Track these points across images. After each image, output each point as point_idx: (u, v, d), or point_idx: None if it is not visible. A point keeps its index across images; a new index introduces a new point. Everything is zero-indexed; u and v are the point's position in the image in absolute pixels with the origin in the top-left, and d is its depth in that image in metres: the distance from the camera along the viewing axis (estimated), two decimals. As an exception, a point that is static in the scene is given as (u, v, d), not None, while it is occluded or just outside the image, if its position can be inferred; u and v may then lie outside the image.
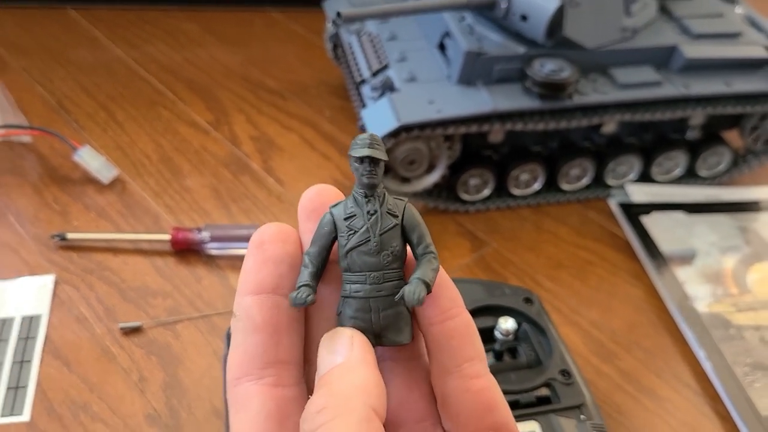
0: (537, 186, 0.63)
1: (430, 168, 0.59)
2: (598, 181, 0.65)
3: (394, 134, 0.54)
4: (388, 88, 0.58)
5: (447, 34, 0.59)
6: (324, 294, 0.23)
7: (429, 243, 0.23)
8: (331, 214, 0.23)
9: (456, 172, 0.60)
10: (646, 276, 0.58)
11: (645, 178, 0.65)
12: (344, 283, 0.23)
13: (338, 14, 0.51)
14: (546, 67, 0.55)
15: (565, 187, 0.64)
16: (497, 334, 0.42)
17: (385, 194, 0.23)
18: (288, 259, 0.23)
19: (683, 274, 0.57)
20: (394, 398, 0.23)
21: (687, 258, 0.59)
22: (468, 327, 0.23)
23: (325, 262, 0.23)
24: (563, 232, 0.62)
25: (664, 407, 0.49)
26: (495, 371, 0.40)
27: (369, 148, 0.22)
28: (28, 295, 0.51)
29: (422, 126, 0.54)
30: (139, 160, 0.64)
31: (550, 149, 0.63)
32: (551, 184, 0.64)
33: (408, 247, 0.23)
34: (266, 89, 0.75)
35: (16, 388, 0.46)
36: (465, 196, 0.62)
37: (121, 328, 0.50)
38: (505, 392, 0.39)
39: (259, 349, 0.22)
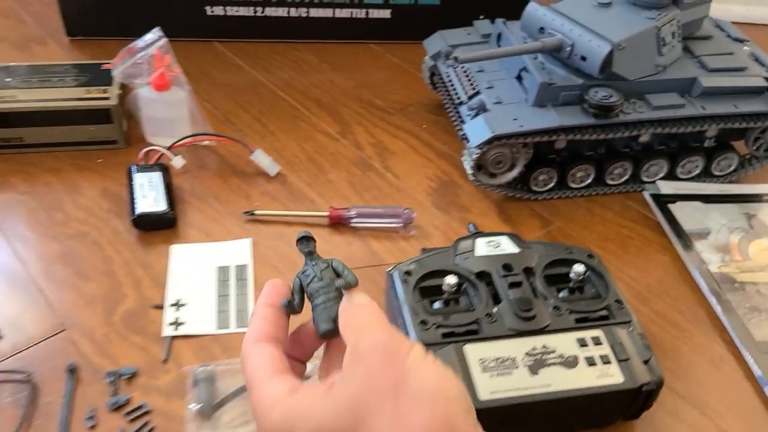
0: (589, 181, 0.84)
1: (511, 167, 0.81)
2: (635, 178, 0.85)
3: (488, 142, 0.76)
4: (481, 108, 0.79)
5: (524, 69, 0.81)
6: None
7: (347, 272, 0.42)
8: (298, 278, 0.44)
9: (529, 170, 0.82)
10: (672, 247, 0.78)
11: (671, 176, 0.86)
12: (311, 301, 0.42)
13: (455, 58, 0.73)
14: (599, 94, 0.76)
15: (609, 182, 0.85)
16: (571, 275, 0.63)
17: (318, 256, 0.44)
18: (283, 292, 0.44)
19: (700, 246, 0.78)
20: None
21: (703, 234, 0.79)
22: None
23: (302, 297, 0.43)
24: (609, 216, 0.83)
25: (684, 335, 0.69)
26: (570, 300, 0.61)
27: (304, 234, 0.44)
28: (236, 252, 0.74)
29: (508, 136, 0.76)
30: (292, 160, 0.87)
31: (599, 154, 0.84)
32: (599, 180, 0.85)
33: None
34: (375, 107, 0.97)
35: (241, 310, 0.68)
36: (535, 188, 0.83)
37: (304, 274, 0.72)
38: (578, 312, 0.60)
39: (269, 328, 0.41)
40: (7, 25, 1.08)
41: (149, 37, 0.81)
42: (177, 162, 0.80)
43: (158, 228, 0.75)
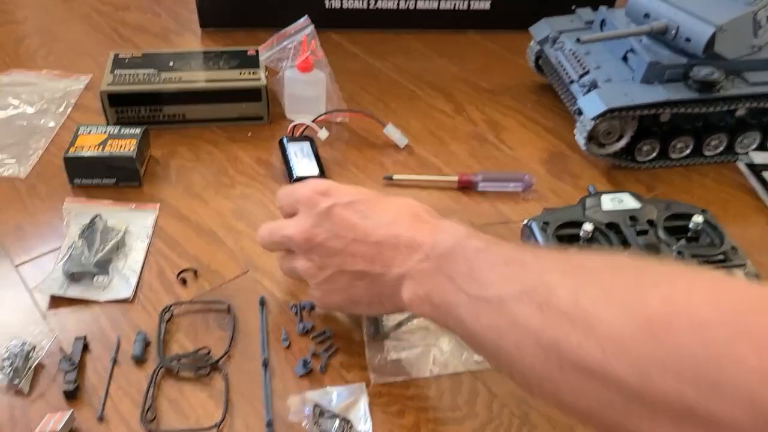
0: (687, 152, 0.93)
1: (619, 138, 0.90)
2: (730, 149, 0.94)
3: (602, 114, 0.85)
4: (593, 85, 0.89)
5: (630, 51, 0.90)
6: None
7: None
8: None
9: (634, 141, 0.91)
10: (766, 209, 0.87)
11: (763, 147, 0.94)
12: None
13: (578, 40, 0.83)
14: (703, 71, 0.85)
15: (706, 153, 0.94)
16: (690, 225, 0.73)
17: None
18: None
19: (793, 208, 0.86)
20: None
21: (795, 198, 0.88)
22: None
23: None
24: (706, 182, 0.92)
25: (784, 283, 0.78)
26: (691, 248, 0.71)
27: None
28: (381, 210, 0.84)
29: (620, 109, 0.85)
30: (416, 135, 0.97)
31: (697, 127, 0.93)
32: (697, 151, 0.93)
33: None
34: (482, 89, 1.07)
35: (393, 258, 0.78)
36: (639, 158, 0.92)
37: (443, 229, 0.82)
38: (699, 256, 0.70)
39: None
40: (146, 18, 1.21)
41: (298, 24, 0.92)
42: (322, 134, 0.91)
43: (312, 190, 0.86)
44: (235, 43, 1.05)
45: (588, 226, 0.71)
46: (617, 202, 0.76)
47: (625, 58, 0.92)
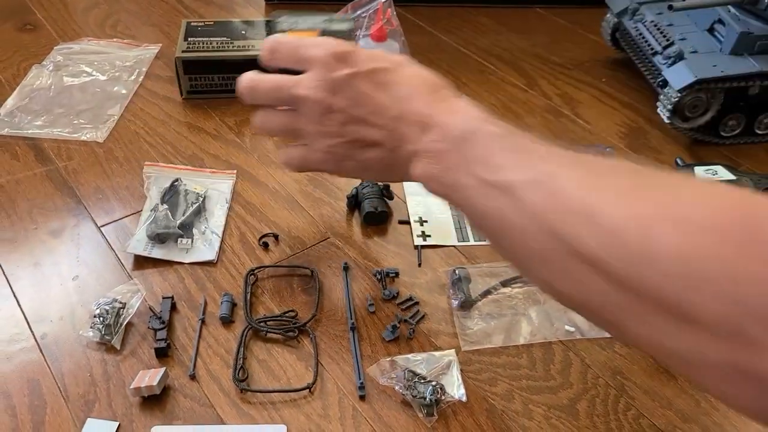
0: (773, 128, 0.90)
1: (705, 111, 0.87)
2: (818, 126, 0.91)
3: (690, 86, 0.82)
4: (679, 57, 0.86)
5: (718, 21, 0.87)
6: None
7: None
8: (355, 188, 0.77)
9: (720, 116, 0.88)
10: None
11: None
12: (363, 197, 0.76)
13: (670, 6, 0.80)
14: (796, 42, 0.82)
15: (793, 130, 0.91)
16: None
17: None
18: None
19: None
20: None
21: None
22: None
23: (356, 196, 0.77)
24: (794, 160, 0.89)
25: None
26: None
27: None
28: (459, 181, 0.83)
29: (709, 81, 0.82)
30: (488, 108, 0.95)
31: (786, 103, 0.90)
32: (784, 126, 0.90)
33: None
34: (554, 63, 1.05)
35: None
36: (723, 133, 0.89)
37: (524, 200, 0.80)
38: None
39: None
40: (210, -9, 1.20)
41: (374, -8, 0.91)
42: (397, 104, 0.89)
43: (388, 159, 0.85)
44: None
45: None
46: (711, 173, 0.73)
47: (711, 30, 0.89)
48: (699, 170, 0.74)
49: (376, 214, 0.75)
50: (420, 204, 0.79)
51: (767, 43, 0.84)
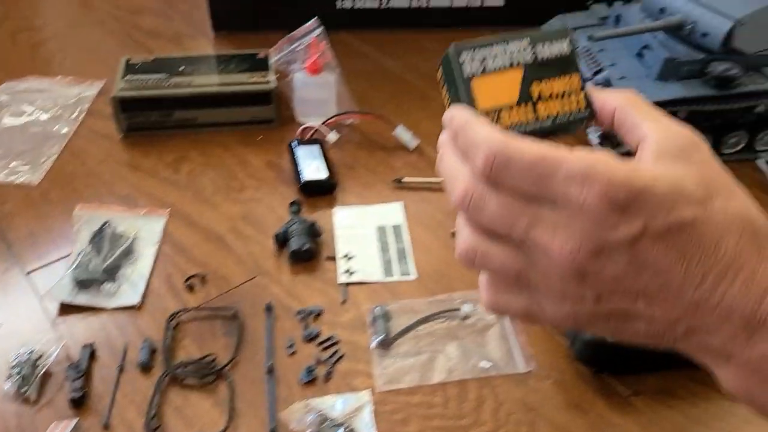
0: (706, 150, 0.91)
1: (635, 136, 0.88)
2: (749, 147, 0.91)
3: (616, 113, 0.83)
4: (607, 83, 0.87)
5: (645, 47, 0.88)
6: None
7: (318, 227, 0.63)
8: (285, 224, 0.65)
9: (650, 140, 0.89)
10: (789, 209, 0.84)
11: (785, 144, 0.92)
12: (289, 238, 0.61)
13: (590, 36, 0.81)
14: (720, 67, 0.83)
15: (725, 151, 0.91)
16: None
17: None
18: None
19: (817, 207, 0.83)
20: None
21: (819, 197, 0.85)
22: None
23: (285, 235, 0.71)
24: (726, 182, 0.89)
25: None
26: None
27: (294, 200, 0.65)
28: (390, 213, 0.84)
29: (634, 107, 0.83)
30: (427, 135, 0.96)
31: (716, 124, 0.90)
32: (715, 149, 0.91)
33: None
34: (496, 87, 1.06)
35: (402, 260, 0.78)
36: (655, 157, 0.90)
37: (452, 233, 0.81)
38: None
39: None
40: (159, 23, 1.21)
41: (307, 26, 0.92)
42: (331, 137, 0.90)
43: (321, 193, 0.86)
44: (247, 46, 1.05)
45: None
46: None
47: (640, 55, 0.90)
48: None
49: (302, 252, 0.76)
50: (348, 240, 0.80)
51: (693, 68, 0.84)
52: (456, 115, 0.37)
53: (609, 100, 0.39)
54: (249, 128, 0.96)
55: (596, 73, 0.90)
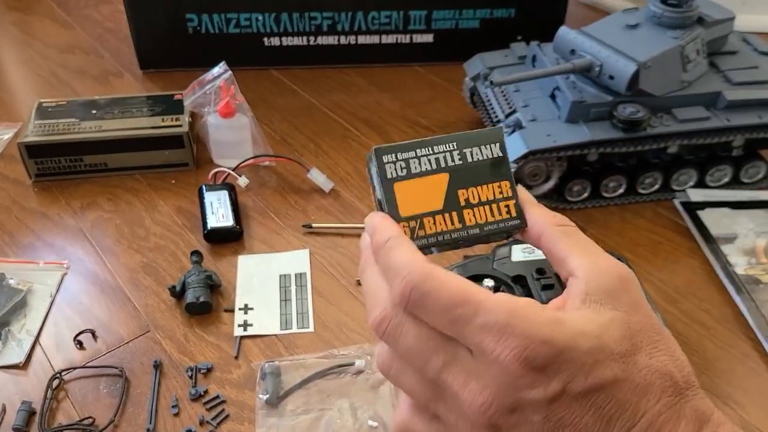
0: (621, 191, 0.90)
1: (547, 179, 0.87)
2: (666, 187, 0.91)
3: (524, 157, 0.82)
4: (517, 126, 0.86)
5: (557, 88, 0.87)
6: None
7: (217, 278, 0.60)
8: (183, 275, 0.64)
9: (564, 182, 0.88)
10: (700, 251, 0.83)
11: (701, 184, 0.91)
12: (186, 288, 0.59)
13: (491, 82, 0.80)
14: (627, 110, 0.82)
15: (641, 191, 0.90)
16: (599, 277, 0.69)
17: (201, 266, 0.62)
18: None
19: (727, 249, 0.82)
20: None
21: (730, 239, 0.84)
22: None
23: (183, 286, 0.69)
24: (641, 223, 0.88)
25: (710, 333, 0.74)
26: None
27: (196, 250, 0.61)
28: (295, 261, 0.82)
29: (542, 151, 0.82)
30: (344, 177, 0.95)
31: (630, 165, 0.89)
32: (631, 189, 0.90)
33: None
34: (420, 125, 1.05)
35: (301, 313, 0.76)
36: (570, 198, 0.89)
37: (357, 281, 0.80)
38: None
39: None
40: (88, 60, 1.20)
41: (216, 70, 0.91)
42: (242, 182, 0.89)
43: (227, 241, 0.84)
44: (175, 84, 1.04)
45: (488, 282, 0.68)
46: (528, 252, 0.73)
47: (553, 97, 0.89)
48: (516, 248, 0.73)
49: (197, 305, 0.75)
50: (249, 290, 0.78)
51: (601, 110, 0.84)
52: (377, 227, 0.35)
53: (538, 222, 0.37)
54: (164, 172, 0.95)
55: (509, 114, 0.89)
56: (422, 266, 0.32)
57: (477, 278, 0.70)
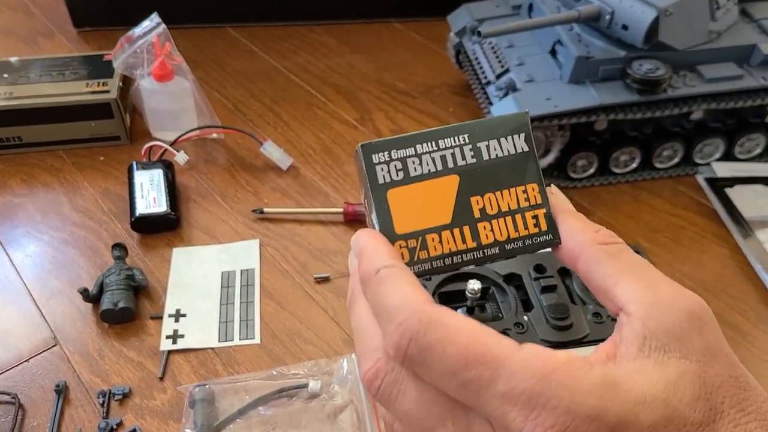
0: (634, 165, 0.76)
1: (546, 152, 0.73)
2: (687, 160, 0.76)
3: (519, 125, 0.68)
4: (511, 88, 0.71)
5: (558, 42, 0.72)
6: None
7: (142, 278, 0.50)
8: (102, 274, 0.50)
9: (566, 155, 0.73)
10: (731, 238, 0.69)
11: (728, 157, 0.76)
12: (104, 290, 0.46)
13: (479, 32, 0.65)
14: (644, 67, 0.67)
15: (658, 165, 0.76)
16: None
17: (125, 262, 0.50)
18: None
19: (763, 235, 0.68)
20: None
21: (767, 222, 0.70)
22: None
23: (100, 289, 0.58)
24: (657, 203, 0.74)
25: (747, 340, 0.61)
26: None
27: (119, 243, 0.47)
28: (242, 254, 0.68)
29: (541, 118, 0.68)
30: (306, 151, 0.80)
31: (645, 134, 0.75)
32: (646, 163, 0.76)
33: None
34: (397, 90, 0.90)
35: (246, 320, 0.62)
36: (573, 174, 0.75)
37: (315, 278, 0.65)
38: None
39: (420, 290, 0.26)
40: (15, 18, 1.04)
41: (146, 24, 0.76)
42: (180, 158, 0.74)
43: (159, 230, 0.70)
44: (114, 46, 0.88)
45: (475, 284, 0.53)
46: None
47: (554, 52, 0.74)
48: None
49: (115, 312, 0.60)
50: (183, 291, 0.64)
51: (612, 68, 0.69)
52: (366, 250, 0.27)
53: (575, 239, 0.28)
54: (92, 147, 0.80)
55: (500, 74, 0.74)
56: (423, 309, 0.24)
57: (461, 277, 0.56)
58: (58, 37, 1.00)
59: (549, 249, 0.51)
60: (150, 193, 0.70)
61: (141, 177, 0.72)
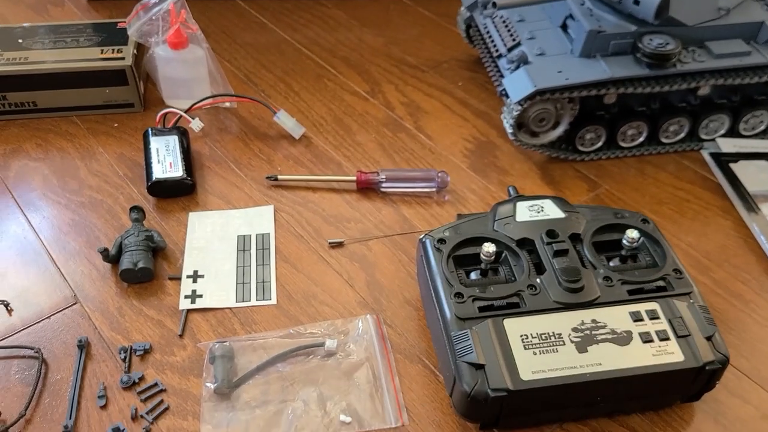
0: (641, 139, 0.77)
1: (555, 125, 0.74)
2: (693, 135, 0.78)
3: (530, 97, 0.69)
4: (522, 61, 0.72)
5: (570, 17, 0.73)
6: None
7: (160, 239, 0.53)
8: (120, 235, 0.55)
9: (575, 128, 0.75)
10: (734, 210, 0.71)
11: (733, 132, 0.78)
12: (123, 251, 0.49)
13: (494, 3, 0.66)
14: (654, 42, 0.69)
15: (664, 140, 0.77)
16: (624, 242, 0.57)
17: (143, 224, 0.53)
18: None
19: (766, 208, 0.70)
20: None
21: (769, 196, 0.72)
22: None
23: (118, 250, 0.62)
24: (663, 177, 0.75)
25: (749, 307, 0.62)
26: (622, 270, 0.55)
27: (136, 205, 0.52)
28: (257, 219, 0.69)
29: (552, 90, 0.69)
30: (318, 122, 0.81)
31: (653, 109, 0.76)
32: (653, 138, 0.77)
33: None
34: (407, 64, 0.91)
35: (262, 282, 0.63)
36: (581, 148, 0.76)
37: (329, 243, 0.67)
38: (631, 282, 0.54)
39: None
40: (24, -14, 1.04)
41: (162, -9, 0.76)
42: (195, 125, 0.75)
43: (175, 195, 0.71)
44: (124, 15, 0.88)
45: (489, 247, 0.55)
46: (536, 211, 0.60)
47: (564, 27, 0.75)
48: (522, 206, 0.60)
49: (135, 272, 0.61)
50: (200, 254, 0.65)
51: (623, 42, 0.70)
52: None
53: None
54: (106, 113, 0.81)
55: (512, 48, 0.75)
56: None
57: (475, 241, 0.57)
58: (67, 6, 1.00)
59: (560, 215, 0.51)
60: (166, 159, 0.71)
61: (156, 143, 0.73)
